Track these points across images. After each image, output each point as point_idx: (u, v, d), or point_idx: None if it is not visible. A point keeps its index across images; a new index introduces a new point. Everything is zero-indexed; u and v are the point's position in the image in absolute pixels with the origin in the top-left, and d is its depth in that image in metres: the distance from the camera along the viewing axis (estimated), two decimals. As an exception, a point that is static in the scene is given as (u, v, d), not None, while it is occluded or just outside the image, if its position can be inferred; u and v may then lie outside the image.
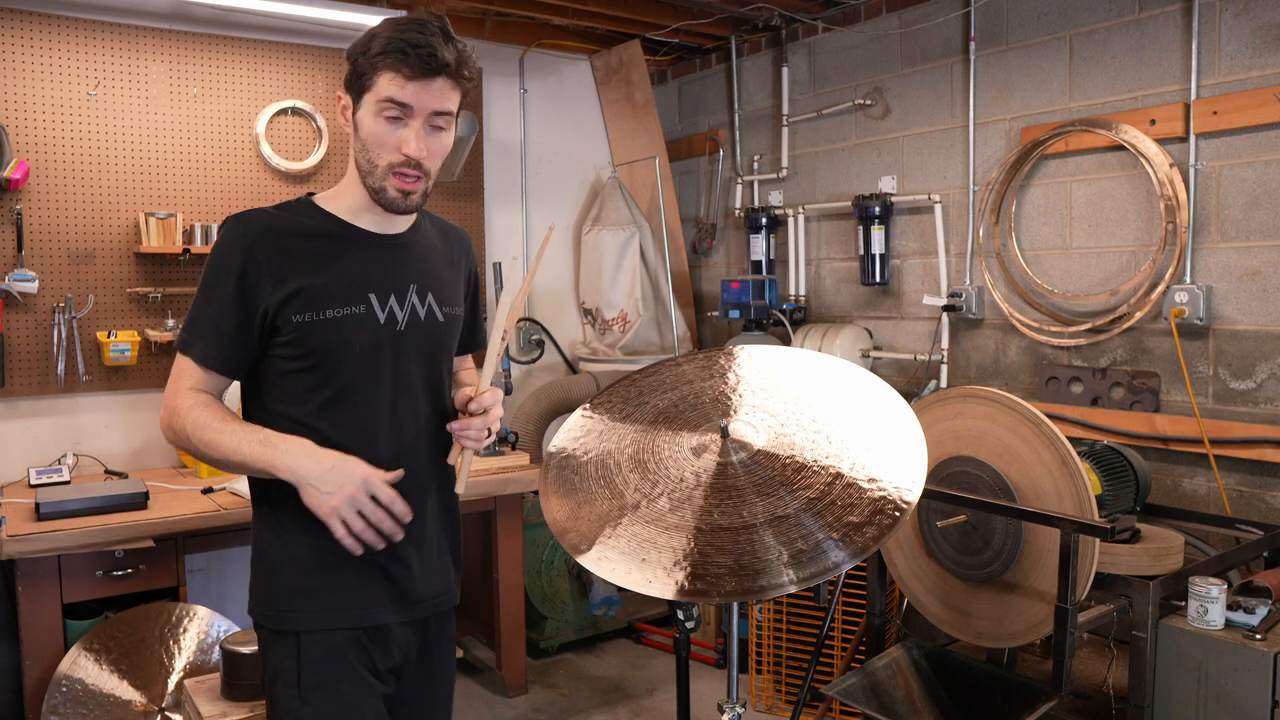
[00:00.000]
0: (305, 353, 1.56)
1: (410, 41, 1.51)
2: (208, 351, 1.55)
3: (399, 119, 1.54)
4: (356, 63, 1.55)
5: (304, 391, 1.57)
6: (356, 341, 1.57)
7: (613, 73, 4.65)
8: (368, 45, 1.54)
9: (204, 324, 1.55)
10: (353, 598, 1.60)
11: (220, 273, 1.55)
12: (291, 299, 1.54)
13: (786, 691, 3.47)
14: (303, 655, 1.56)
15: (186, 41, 3.57)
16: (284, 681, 1.58)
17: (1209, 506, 2.86)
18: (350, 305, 1.57)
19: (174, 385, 1.56)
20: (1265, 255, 2.77)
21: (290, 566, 1.59)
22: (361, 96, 1.55)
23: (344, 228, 1.61)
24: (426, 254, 1.70)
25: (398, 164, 1.55)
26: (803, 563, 1.38)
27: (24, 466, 3.30)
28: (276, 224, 1.58)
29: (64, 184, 3.37)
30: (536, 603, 3.94)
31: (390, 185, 1.56)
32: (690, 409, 1.73)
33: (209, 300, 1.55)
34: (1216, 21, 2.83)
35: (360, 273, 1.60)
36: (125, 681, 2.77)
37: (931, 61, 3.64)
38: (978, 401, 2.33)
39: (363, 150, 1.56)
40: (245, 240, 1.54)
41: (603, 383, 4.16)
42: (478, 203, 4.36)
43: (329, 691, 1.56)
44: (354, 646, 1.59)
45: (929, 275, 3.69)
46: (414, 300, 1.64)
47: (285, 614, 1.58)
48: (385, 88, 1.52)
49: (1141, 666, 2.20)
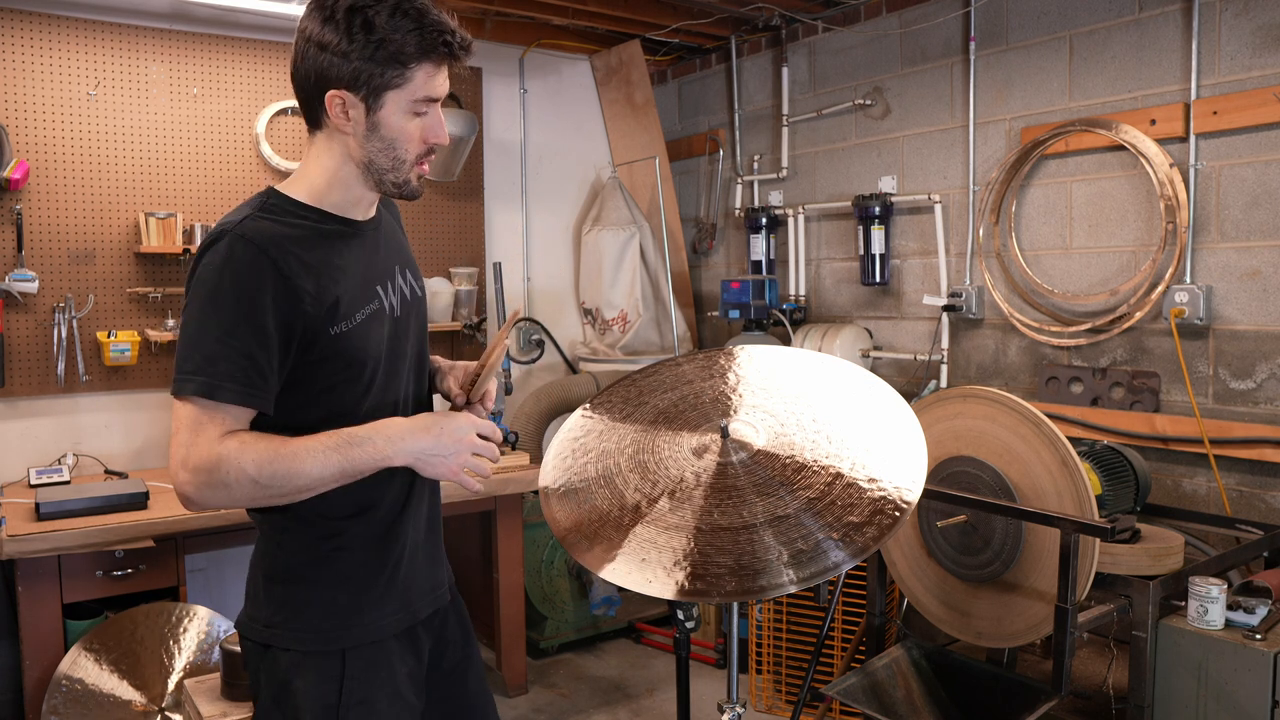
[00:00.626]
0: (345, 364, 1.47)
1: (445, 28, 1.42)
2: (245, 391, 1.36)
3: (426, 112, 1.47)
4: (373, 58, 1.40)
5: (343, 406, 1.48)
6: (379, 338, 1.52)
7: (613, 73, 4.65)
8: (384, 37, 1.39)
9: (230, 359, 1.35)
10: (397, 600, 1.57)
11: (244, 299, 1.36)
12: (329, 311, 1.43)
13: (786, 691, 3.47)
14: (347, 674, 1.49)
15: (186, 41, 3.57)
16: (320, 707, 1.47)
17: (1209, 506, 2.86)
18: (369, 303, 1.51)
19: (196, 439, 1.34)
20: (1265, 255, 2.76)
21: (338, 582, 1.51)
22: (383, 94, 1.42)
23: (341, 223, 1.51)
24: (392, 232, 1.66)
25: (423, 154, 1.50)
26: (803, 563, 1.38)
27: (24, 466, 3.30)
28: (284, 230, 1.43)
29: (64, 184, 3.37)
30: (536, 603, 3.94)
31: (413, 175, 1.51)
32: (690, 409, 1.73)
33: (230, 331, 1.35)
34: (1216, 21, 2.83)
35: (366, 268, 1.53)
36: (125, 681, 2.77)
37: (931, 61, 3.64)
38: (978, 401, 2.33)
39: (386, 148, 1.46)
40: (265, 256, 1.38)
41: (603, 383, 4.16)
42: (478, 203, 4.36)
43: (369, 710, 1.50)
44: (394, 655, 1.55)
45: (929, 275, 3.69)
46: (400, 282, 1.60)
47: (334, 633, 1.50)
48: (424, 85, 1.44)
49: (1141, 666, 2.20)
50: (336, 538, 1.51)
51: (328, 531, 1.50)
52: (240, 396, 1.36)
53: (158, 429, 3.59)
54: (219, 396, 1.35)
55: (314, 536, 1.51)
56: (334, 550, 1.51)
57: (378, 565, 1.54)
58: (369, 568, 1.53)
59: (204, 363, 1.35)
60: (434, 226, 4.24)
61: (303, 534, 1.50)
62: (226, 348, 1.35)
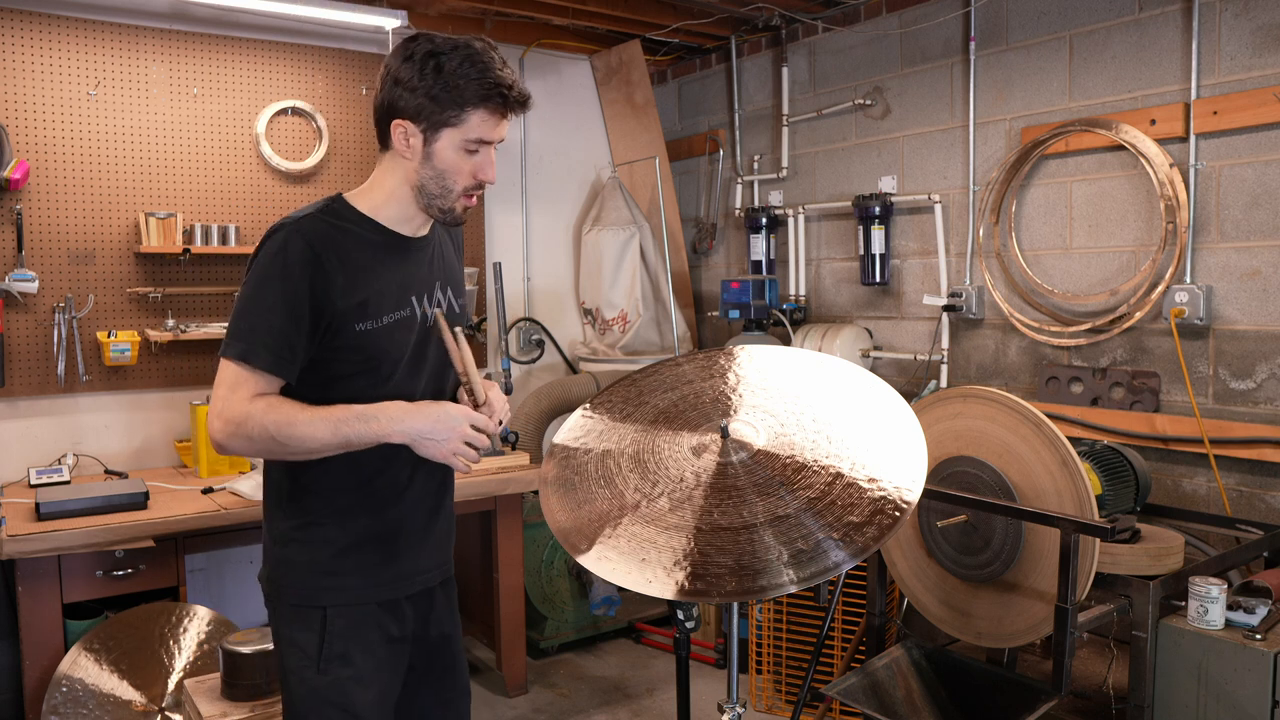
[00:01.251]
0: (365, 358, 1.65)
1: (504, 83, 1.60)
2: (276, 360, 1.58)
3: (477, 151, 1.64)
4: (436, 98, 1.59)
5: (359, 391, 1.65)
6: (404, 342, 1.69)
7: (613, 73, 4.65)
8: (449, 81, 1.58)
9: (268, 333, 1.57)
10: (378, 573, 1.72)
11: (287, 282, 1.57)
12: (357, 308, 1.62)
13: (786, 691, 3.47)
14: (327, 628, 1.67)
15: (186, 41, 3.57)
16: (303, 654, 1.68)
17: (1209, 506, 2.86)
18: (400, 310, 1.68)
19: (232, 395, 1.56)
20: (1265, 255, 2.76)
21: (322, 548, 1.69)
22: (440, 130, 1.61)
23: (388, 235, 1.69)
24: (444, 251, 1.83)
25: (471, 188, 1.68)
26: (803, 563, 1.38)
27: (24, 466, 3.30)
28: (335, 233, 1.63)
29: (64, 184, 3.37)
30: (536, 603, 3.94)
31: (459, 205, 1.69)
32: (690, 409, 1.73)
33: (272, 309, 1.57)
34: (1216, 21, 2.83)
35: (406, 277, 1.70)
36: (125, 681, 2.77)
37: (931, 61, 3.64)
38: (978, 401, 2.33)
39: (437, 177, 1.65)
40: (311, 251, 1.58)
41: (603, 383, 4.16)
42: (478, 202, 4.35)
43: (345, 663, 1.68)
44: (373, 619, 1.71)
45: (929, 275, 3.69)
46: (439, 296, 1.78)
47: (315, 590, 1.68)
48: (477, 128, 1.62)
49: (1141, 666, 2.20)
50: (329, 513, 1.69)
51: (324, 509, 1.69)
52: (271, 364, 1.58)
53: (158, 429, 3.59)
54: (253, 361, 1.57)
55: (310, 510, 1.69)
56: (324, 523, 1.69)
57: (367, 538, 1.71)
58: (357, 542, 1.70)
59: (247, 331, 1.58)
60: (434, 226, 4.23)
61: (301, 507, 1.70)
62: (266, 322, 1.57)
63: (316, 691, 1.67)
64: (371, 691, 1.70)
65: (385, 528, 1.73)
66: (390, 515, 1.73)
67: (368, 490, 1.70)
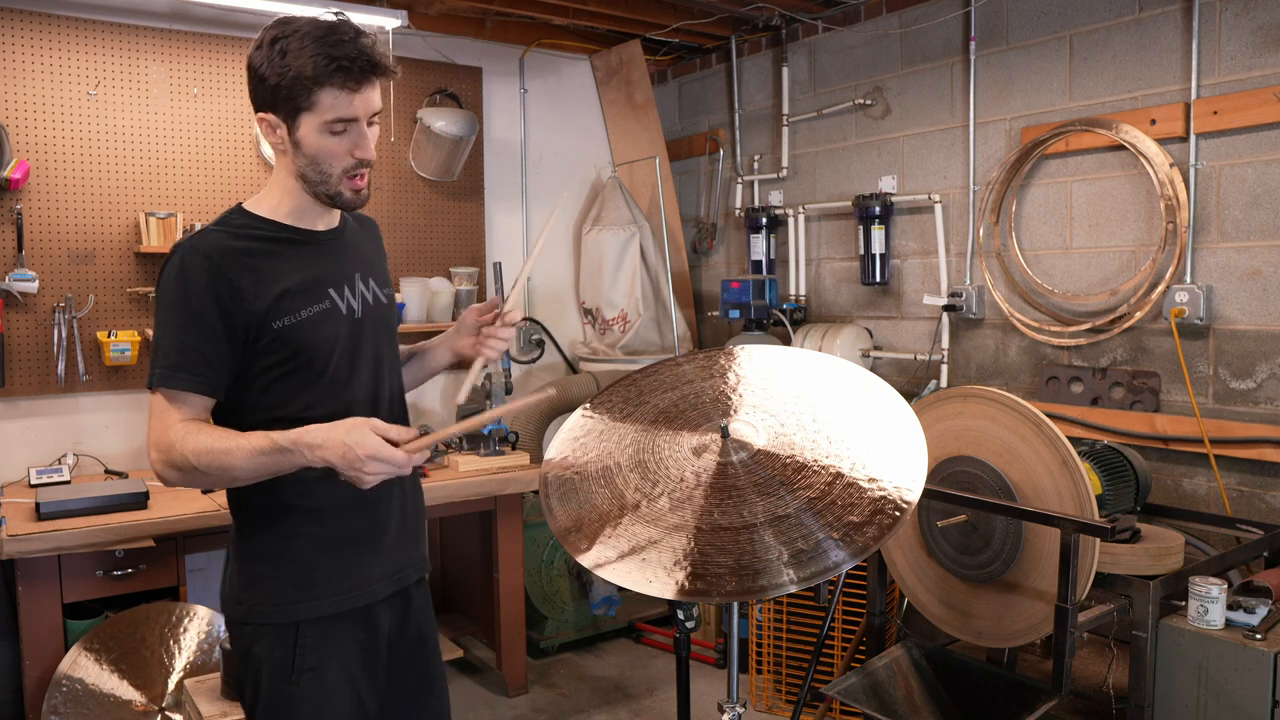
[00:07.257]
0: (289, 355, 1.62)
1: (345, 55, 1.52)
2: (196, 379, 1.55)
3: (344, 130, 1.58)
4: (283, 84, 1.53)
5: (292, 392, 1.63)
6: (330, 335, 1.65)
7: (613, 72, 4.65)
8: (290, 64, 1.51)
9: (181, 353, 1.54)
10: (349, 581, 1.69)
11: (192, 300, 1.55)
12: (271, 307, 1.59)
13: (786, 691, 3.47)
14: (300, 642, 1.64)
15: (186, 41, 3.57)
16: (275, 669, 1.64)
17: (1209, 506, 2.86)
18: (318, 303, 1.65)
19: (160, 423, 1.54)
20: (1265, 255, 2.76)
21: (291, 562, 1.66)
22: (297, 116, 1.56)
23: (290, 232, 1.66)
24: (359, 243, 1.80)
25: (350, 168, 1.62)
26: (803, 562, 1.38)
27: (24, 466, 3.30)
28: (232, 240, 1.60)
29: (64, 184, 3.37)
30: (537, 603, 3.94)
31: (345, 188, 1.63)
32: (690, 409, 1.73)
33: (184, 329, 1.55)
34: (1216, 21, 2.83)
35: (318, 270, 1.67)
36: (125, 681, 2.77)
37: (931, 61, 3.64)
38: (978, 401, 2.33)
39: (311, 164, 1.60)
40: (209, 263, 1.55)
41: (603, 382, 4.16)
42: (478, 203, 4.36)
43: (319, 676, 1.65)
44: (347, 628, 1.69)
45: (929, 275, 3.69)
46: (361, 288, 1.73)
47: (286, 606, 1.65)
48: (330, 108, 1.55)
49: (1141, 666, 2.20)
50: (295, 527, 1.66)
51: (289, 523, 1.66)
52: (192, 384, 1.55)
53: (158, 429, 3.58)
54: (175, 385, 1.54)
55: (276, 526, 1.66)
56: (292, 537, 1.66)
57: (334, 552, 1.68)
58: (326, 554, 1.68)
59: (163, 357, 1.55)
60: (434, 226, 4.24)
61: (266, 524, 1.67)
62: (178, 343, 1.55)
63: (290, 703, 1.63)
64: (346, 701, 1.67)
65: (354, 535, 1.70)
66: (358, 523, 1.70)
67: (333, 499, 1.67)
